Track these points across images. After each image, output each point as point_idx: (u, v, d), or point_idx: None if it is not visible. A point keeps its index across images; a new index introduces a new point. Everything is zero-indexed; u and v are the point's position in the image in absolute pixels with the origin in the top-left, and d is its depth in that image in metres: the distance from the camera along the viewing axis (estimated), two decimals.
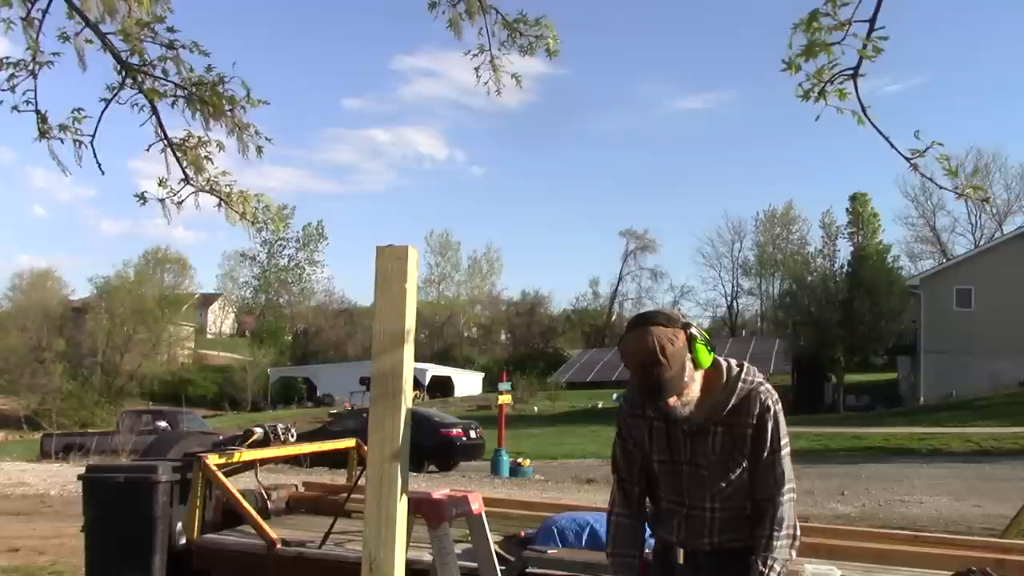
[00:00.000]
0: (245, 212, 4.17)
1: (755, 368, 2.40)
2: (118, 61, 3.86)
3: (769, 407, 2.30)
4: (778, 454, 2.30)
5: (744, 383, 2.32)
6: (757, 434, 2.30)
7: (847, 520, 10.56)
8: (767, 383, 2.36)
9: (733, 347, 49.23)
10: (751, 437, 2.30)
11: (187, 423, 22.04)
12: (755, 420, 2.30)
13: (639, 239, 66.81)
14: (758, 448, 2.30)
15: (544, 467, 18.73)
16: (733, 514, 2.33)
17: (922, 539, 4.22)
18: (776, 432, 2.30)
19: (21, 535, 8.81)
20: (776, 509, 2.26)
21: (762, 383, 2.35)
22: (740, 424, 2.31)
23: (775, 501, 2.27)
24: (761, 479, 2.30)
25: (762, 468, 2.30)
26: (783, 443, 2.31)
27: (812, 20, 2.07)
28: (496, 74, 4.20)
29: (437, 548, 2.80)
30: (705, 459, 2.33)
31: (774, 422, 2.30)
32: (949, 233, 56.81)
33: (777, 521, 2.25)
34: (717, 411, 2.31)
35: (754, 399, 2.31)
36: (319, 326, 66.31)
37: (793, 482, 2.31)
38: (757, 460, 2.30)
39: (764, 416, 2.30)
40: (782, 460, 2.30)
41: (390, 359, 2.33)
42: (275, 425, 5.33)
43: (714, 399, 2.31)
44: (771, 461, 2.29)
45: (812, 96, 2.17)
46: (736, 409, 2.31)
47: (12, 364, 48.82)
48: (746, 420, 2.30)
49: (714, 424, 2.32)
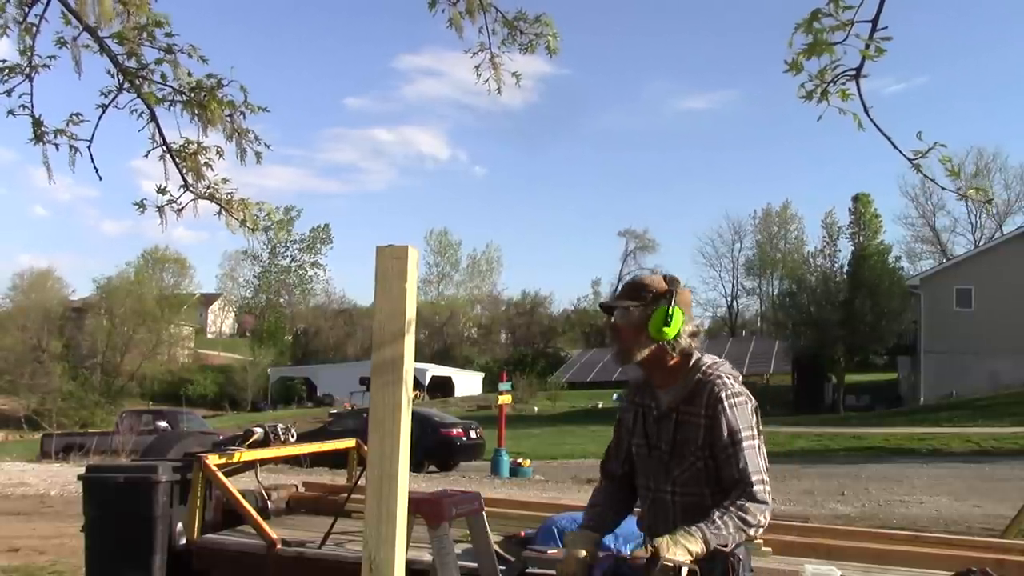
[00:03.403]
0: (245, 219, 4.16)
1: (728, 364, 2.44)
2: (115, 65, 3.86)
3: (721, 399, 2.31)
4: (739, 446, 2.27)
5: (701, 375, 2.37)
6: (711, 425, 2.32)
7: (847, 520, 10.55)
8: (731, 379, 2.38)
9: (733, 347, 49.21)
10: (704, 428, 2.33)
11: (187, 423, 22.05)
12: (706, 411, 2.33)
13: (639, 239, 66.91)
14: (714, 440, 2.31)
15: (544, 467, 18.73)
16: (693, 500, 2.33)
17: (922, 539, 4.22)
18: (734, 425, 2.29)
19: (21, 535, 8.81)
20: (737, 497, 2.23)
21: (720, 376, 2.36)
22: (693, 414, 2.35)
23: (740, 491, 2.24)
24: (724, 471, 2.29)
25: (723, 460, 2.29)
26: (744, 435, 2.29)
27: (813, 20, 2.06)
28: (496, 72, 4.20)
29: (437, 548, 2.80)
30: (666, 444, 2.39)
31: (729, 415, 2.30)
32: (949, 233, 56.92)
33: (734, 505, 2.21)
34: (676, 398, 2.39)
35: (708, 391, 2.34)
36: (319, 326, 66.32)
37: (762, 473, 2.27)
38: (716, 452, 2.31)
39: (716, 407, 2.31)
40: (742, 452, 2.27)
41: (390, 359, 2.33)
42: (275, 425, 5.32)
43: (676, 387, 2.39)
44: (731, 453, 2.28)
45: (815, 97, 2.17)
46: (690, 399, 2.36)
47: (12, 364, 48.84)
48: (698, 411, 2.35)
49: (675, 411, 2.39)
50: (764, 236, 63.38)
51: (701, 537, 2.11)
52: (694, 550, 2.07)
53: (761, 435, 2.36)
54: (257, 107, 4.05)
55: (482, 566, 2.98)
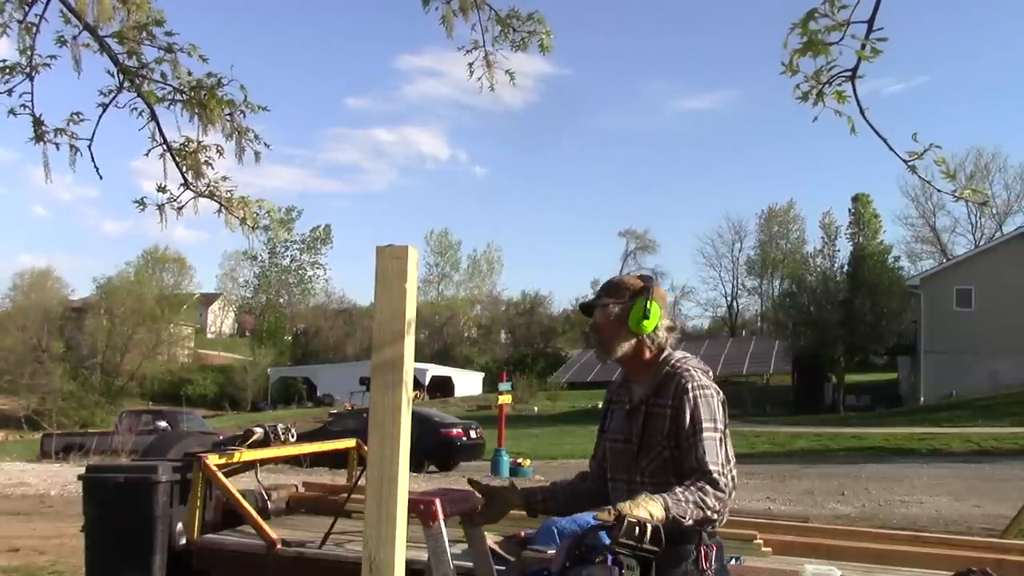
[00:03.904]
0: (245, 217, 4.16)
1: (696, 359, 2.49)
2: (115, 64, 3.86)
3: (687, 390, 2.36)
4: (699, 436, 2.30)
5: (670, 368, 2.43)
6: (675, 415, 2.35)
7: (847, 520, 10.56)
8: (699, 372, 2.42)
9: (733, 347, 49.23)
10: (670, 418, 2.37)
11: (187, 423, 22.05)
12: (672, 401, 2.37)
13: (639, 239, 66.87)
14: (677, 430, 2.34)
15: (544, 467, 18.71)
16: (661, 489, 2.32)
17: (922, 539, 4.22)
18: (695, 415, 2.32)
19: (21, 535, 8.82)
20: (698, 479, 2.23)
21: (688, 369, 2.41)
22: (660, 405, 2.40)
23: (699, 476, 2.24)
24: (685, 460, 2.31)
25: (684, 450, 2.32)
26: (706, 426, 2.31)
27: (809, 19, 2.06)
28: (490, 70, 4.20)
29: (432, 547, 2.80)
30: (636, 436, 2.44)
31: (693, 405, 2.33)
32: (949, 233, 56.89)
33: (694, 484, 2.21)
34: (646, 391, 2.45)
35: (675, 383, 2.39)
36: (319, 326, 66.29)
37: (720, 465, 2.27)
38: (679, 442, 2.34)
39: (682, 398, 2.35)
40: (702, 442, 2.29)
41: (390, 359, 2.33)
42: (275, 425, 5.32)
43: (648, 381, 2.46)
44: (692, 443, 2.30)
45: (810, 98, 2.17)
46: (658, 391, 2.42)
47: (12, 364, 48.84)
48: (665, 402, 2.39)
49: (644, 403, 2.44)
50: (766, 235, 63.35)
51: (662, 504, 2.13)
52: (655, 513, 2.09)
53: (726, 429, 2.39)
54: (257, 106, 4.05)
55: (477, 566, 2.97)
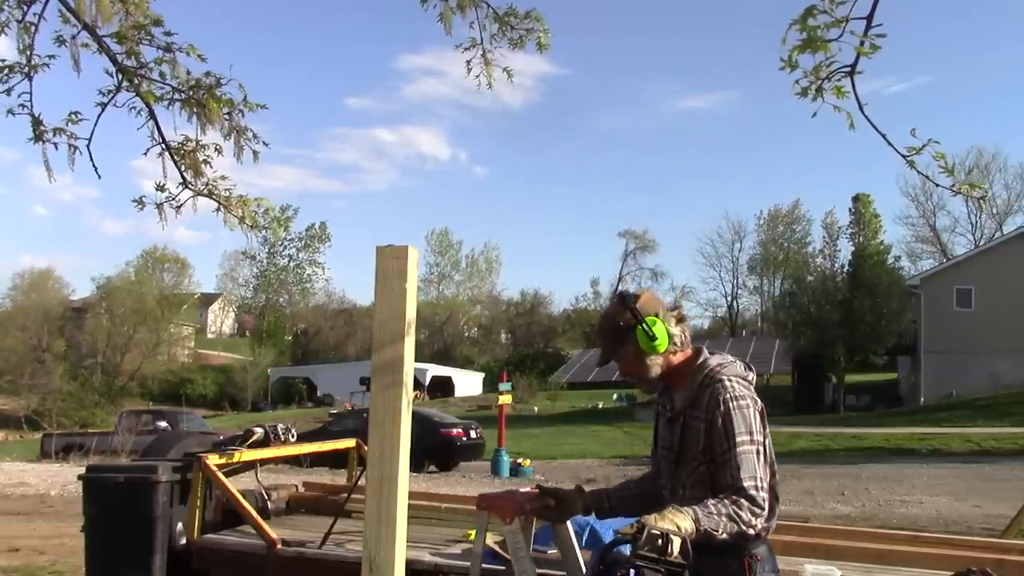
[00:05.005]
0: (244, 216, 4.15)
1: (736, 365, 2.41)
2: (114, 64, 3.85)
3: (720, 403, 2.29)
4: (734, 450, 2.24)
5: (704, 376, 2.37)
6: (709, 428, 2.30)
7: (847, 520, 10.56)
8: (736, 381, 2.34)
9: (733, 347, 49.20)
10: (704, 432, 2.32)
11: (187, 423, 22.06)
12: (705, 414, 2.32)
13: (639, 239, 66.82)
14: (712, 443, 2.29)
15: (544, 467, 18.73)
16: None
17: (922, 539, 4.22)
18: (728, 428, 2.26)
19: (21, 535, 8.82)
20: (733, 492, 2.19)
21: (723, 378, 2.34)
22: (696, 417, 2.35)
23: (735, 491, 2.20)
24: (720, 475, 2.26)
25: (719, 465, 2.27)
26: (740, 440, 2.25)
27: (808, 16, 2.06)
28: (488, 68, 4.19)
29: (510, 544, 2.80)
30: (676, 447, 2.41)
31: (726, 418, 2.27)
32: (949, 233, 56.90)
33: (728, 497, 2.18)
34: (684, 401, 2.40)
35: (708, 394, 2.33)
36: (319, 326, 66.32)
37: (757, 479, 2.22)
38: (714, 457, 2.29)
39: (714, 411, 2.29)
40: (738, 456, 2.23)
41: (390, 359, 2.33)
42: (275, 425, 5.31)
43: (686, 388, 2.41)
44: (726, 458, 2.25)
45: (810, 94, 2.17)
46: (695, 402, 2.37)
47: (12, 364, 48.87)
48: (700, 414, 2.34)
49: (682, 414, 2.39)
50: (769, 236, 63.29)
51: (692, 516, 2.08)
52: (683, 525, 2.04)
53: (766, 439, 2.31)
54: (255, 105, 4.03)
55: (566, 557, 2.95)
